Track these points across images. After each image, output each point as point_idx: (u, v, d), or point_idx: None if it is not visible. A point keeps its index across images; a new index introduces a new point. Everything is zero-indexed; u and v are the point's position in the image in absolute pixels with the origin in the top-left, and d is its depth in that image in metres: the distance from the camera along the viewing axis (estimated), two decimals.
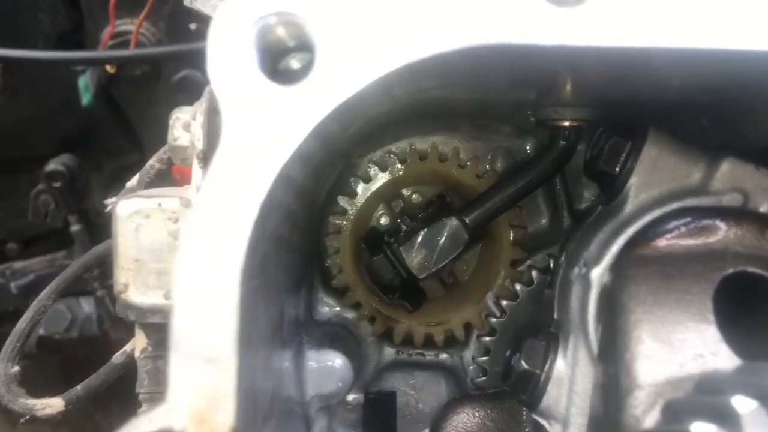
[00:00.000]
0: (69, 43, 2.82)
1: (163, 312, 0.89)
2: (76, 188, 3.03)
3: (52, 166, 2.89)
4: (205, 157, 0.85)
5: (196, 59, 2.69)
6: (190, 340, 0.56)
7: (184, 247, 0.56)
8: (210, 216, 0.56)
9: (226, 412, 0.56)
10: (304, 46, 0.59)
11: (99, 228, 3.24)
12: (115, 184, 3.14)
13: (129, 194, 1.11)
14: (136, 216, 0.85)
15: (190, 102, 2.85)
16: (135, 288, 0.85)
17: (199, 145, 0.85)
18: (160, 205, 0.84)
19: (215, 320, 0.56)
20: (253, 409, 0.63)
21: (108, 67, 2.64)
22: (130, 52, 2.52)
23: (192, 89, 2.70)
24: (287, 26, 0.58)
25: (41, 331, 3.28)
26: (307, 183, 0.86)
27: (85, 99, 2.81)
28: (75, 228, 3.04)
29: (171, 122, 0.89)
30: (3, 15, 2.73)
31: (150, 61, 2.67)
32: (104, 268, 2.83)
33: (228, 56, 0.57)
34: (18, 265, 3.22)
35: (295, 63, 0.62)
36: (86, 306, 3.17)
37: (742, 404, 0.57)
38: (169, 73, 2.79)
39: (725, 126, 0.83)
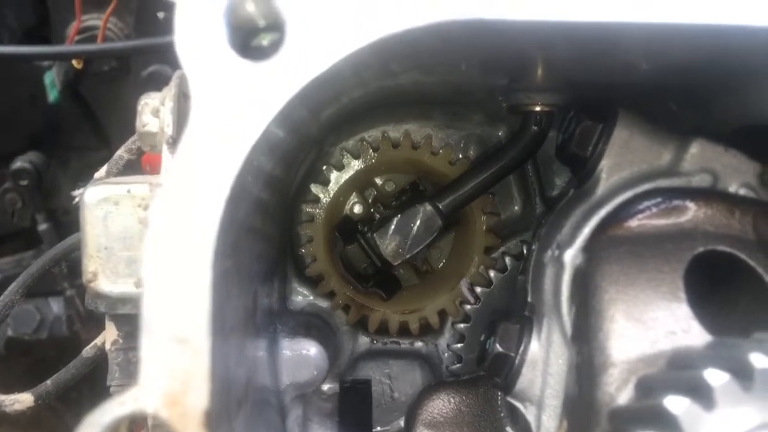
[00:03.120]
0: (35, 39, 2.78)
1: (134, 301, 0.87)
2: (43, 186, 2.97)
3: (19, 164, 2.84)
4: (175, 143, 0.84)
5: (166, 54, 2.66)
6: (161, 321, 0.55)
7: (154, 227, 0.55)
8: (180, 195, 0.55)
9: (199, 393, 0.55)
10: (275, 25, 0.58)
11: (67, 227, 3.19)
12: (83, 181, 3.10)
13: (97, 183, 1.09)
14: (104, 203, 0.83)
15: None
16: (104, 276, 0.84)
17: (169, 130, 0.84)
18: (129, 191, 0.83)
19: (187, 300, 0.55)
20: (227, 393, 0.62)
21: (75, 63, 2.59)
22: (97, 46, 2.47)
23: (161, 84, 2.66)
24: (257, 2, 0.57)
25: (9, 332, 3.21)
26: (278, 172, 0.86)
27: (52, 95, 2.76)
28: (43, 227, 2.99)
29: (139, 108, 0.87)
30: None
31: (118, 56, 2.63)
32: (73, 266, 2.79)
33: (197, 32, 0.56)
34: None
35: (265, 42, 0.61)
36: (55, 306, 3.12)
37: (715, 377, 0.58)
38: (138, 68, 2.75)
39: (694, 108, 0.84)
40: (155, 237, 0.55)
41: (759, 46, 0.59)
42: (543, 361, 0.83)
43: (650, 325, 0.70)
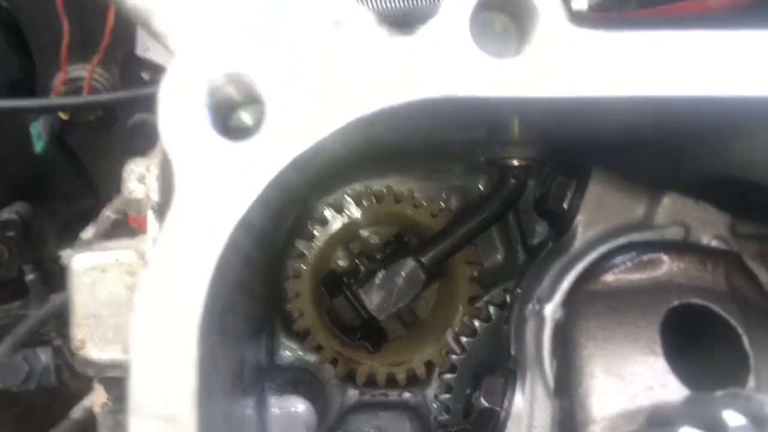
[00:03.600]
0: (20, 90, 2.80)
1: (123, 366, 0.88)
2: (30, 237, 2.97)
3: (5, 215, 2.83)
4: (161, 209, 0.85)
5: (151, 103, 2.69)
6: (148, 401, 0.56)
7: (140, 307, 0.57)
8: (165, 274, 0.56)
9: None
10: (254, 101, 0.60)
11: (55, 276, 3.18)
12: (70, 230, 3.09)
13: (84, 247, 1.10)
14: (92, 271, 0.85)
15: (146, 146, 2.82)
16: (93, 344, 0.85)
17: (154, 197, 0.85)
18: (116, 259, 0.85)
19: (173, 379, 0.56)
20: None
21: (61, 114, 2.61)
22: (84, 98, 2.50)
23: (147, 133, 2.69)
24: (236, 84, 0.59)
25: None
26: (267, 228, 0.87)
27: (38, 146, 2.77)
28: (30, 277, 2.97)
29: (125, 175, 0.89)
30: None
31: (104, 107, 2.66)
32: (60, 316, 2.78)
33: (179, 116, 0.58)
34: None
35: (246, 117, 0.63)
36: (44, 356, 3.08)
37: None
38: (124, 117, 2.78)
39: (666, 162, 0.86)
40: (141, 318, 0.57)
41: (728, 109, 0.61)
42: (528, 415, 0.85)
43: (629, 380, 0.71)
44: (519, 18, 0.60)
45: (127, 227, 1.25)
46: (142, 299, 0.56)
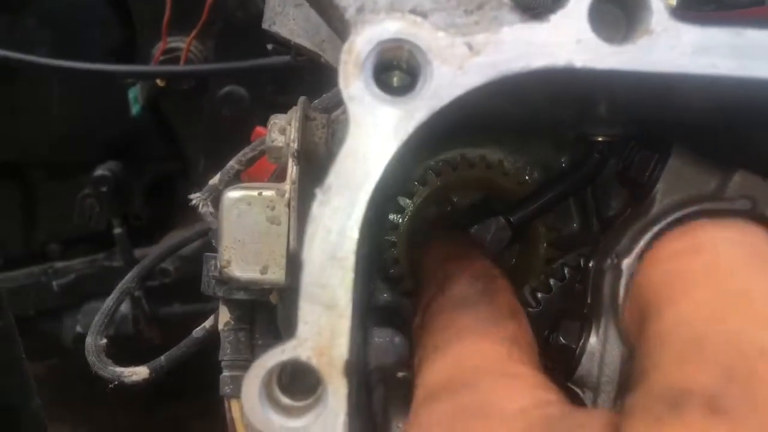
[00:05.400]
0: (120, 56, 3.02)
1: (256, 285, 1.04)
2: (120, 193, 3.20)
3: (100, 171, 3.07)
4: (299, 156, 1.01)
5: (241, 76, 2.88)
6: (316, 291, 0.72)
7: (314, 220, 0.72)
8: (336, 193, 0.72)
9: (341, 347, 0.72)
10: (410, 66, 0.75)
11: (137, 232, 3.41)
12: (155, 191, 3.32)
13: (218, 190, 1.28)
14: (239, 203, 1.01)
15: (233, 114, 3.03)
16: (236, 264, 1.01)
17: (295, 146, 1.01)
18: (260, 194, 1.00)
19: (336, 276, 0.72)
20: (357, 353, 0.78)
21: (158, 81, 2.83)
22: (182, 68, 2.71)
23: (235, 102, 2.89)
24: (399, 51, 0.74)
25: (79, 329, 3.40)
26: (389, 174, 1.02)
27: (134, 110, 3.00)
28: (117, 231, 3.21)
29: (269, 126, 1.05)
30: (61, 29, 2.92)
31: (198, 77, 2.86)
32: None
33: (353, 72, 0.73)
34: (59, 265, 3.37)
35: (398, 79, 0.78)
36: (123, 306, 3.32)
37: None
38: (215, 87, 2.98)
39: (738, 143, 0.99)
40: (314, 227, 0.72)
41: None
42: (599, 353, 0.98)
43: None
44: (629, 9, 0.74)
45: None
46: (317, 211, 0.72)
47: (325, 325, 0.72)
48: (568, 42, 0.71)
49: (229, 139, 2.25)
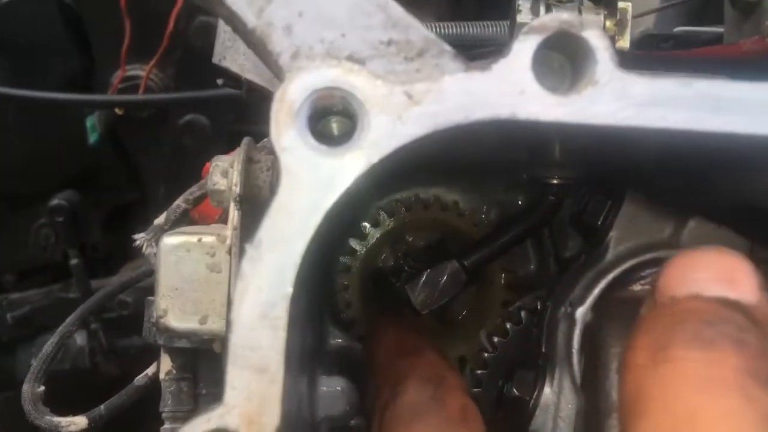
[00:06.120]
0: (78, 85, 2.95)
1: (195, 336, 0.99)
2: (77, 223, 3.12)
3: (56, 201, 2.99)
4: (242, 201, 0.97)
5: (202, 105, 2.83)
6: (245, 354, 0.67)
7: (244, 275, 0.68)
8: (267, 247, 0.68)
9: (272, 415, 0.67)
10: (346, 114, 0.71)
11: (95, 262, 3.32)
12: (113, 221, 3.24)
13: (163, 230, 1.23)
14: (178, 249, 0.96)
15: (194, 144, 2.97)
16: (173, 314, 0.96)
17: (237, 189, 0.97)
18: (200, 240, 0.96)
19: (267, 337, 0.67)
20: (294, 416, 0.74)
21: (117, 110, 2.77)
22: (141, 97, 2.66)
23: (196, 132, 2.83)
24: (333, 98, 0.70)
25: (33, 362, 3.28)
26: (335, 222, 0.98)
27: (92, 138, 2.93)
28: (74, 261, 3.12)
29: (211, 169, 1.00)
30: (18, 56, 2.85)
31: (158, 106, 2.81)
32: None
33: (286, 121, 0.69)
34: (14, 296, 3.27)
35: (335, 128, 0.75)
36: (79, 339, 3.22)
37: None
38: (175, 116, 2.92)
39: (693, 190, 0.97)
40: (244, 285, 0.68)
41: (751, 148, 0.71)
42: (554, 405, 0.95)
43: None
44: (574, 58, 0.71)
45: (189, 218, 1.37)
46: (245, 268, 0.67)
47: (255, 391, 0.67)
48: (511, 92, 0.68)
49: (189, 168, 2.20)
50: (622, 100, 0.68)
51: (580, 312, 0.93)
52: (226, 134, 2.79)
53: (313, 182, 0.68)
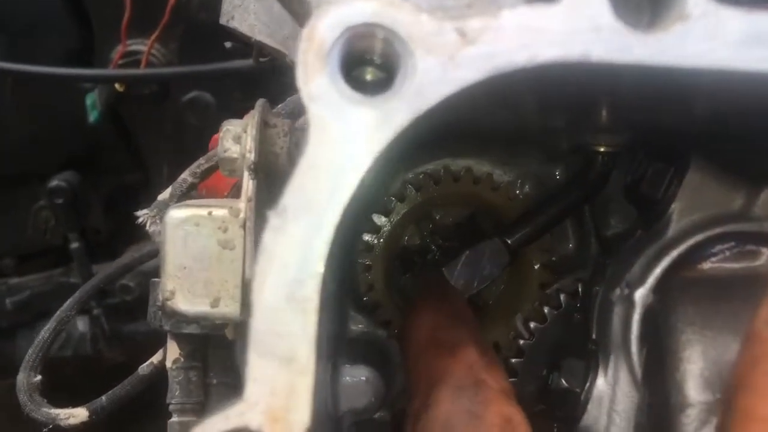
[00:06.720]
0: (77, 61, 2.84)
1: (206, 320, 0.89)
2: (77, 206, 3.02)
3: (56, 182, 2.89)
4: (256, 169, 0.86)
5: (205, 80, 2.72)
6: (270, 341, 0.57)
7: (266, 252, 0.57)
8: (293, 217, 0.57)
9: (302, 411, 0.56)
10: (386, 57, 0.61)
11: (97, 246, 3.22)
12: (114, 203, 3.14)
13: (167, 205, 1.12)
14: (185, 224, 0.85)
15: (198, 123, 2.85)
16: (182, 295, 0.85)
17: (251, 156, 0.86)
18: (210, 213, 0.85)
19: (296, 322, 0.57)
20: (323, 414, 0.63)
21: (117, 86, 2.66)
22: (142, 71, 2.54)
23: (200, 110, 2.72)
24: (372, 38, 0.60)
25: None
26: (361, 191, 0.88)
27: (92, 116, 2.81)
28: (74, 245, 3.03)
29: (221, 134, 0.89)
30: (15, 32, 2.74)
31: (160, 81, 2.69)
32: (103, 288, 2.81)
33: (315, 65, 0.58)
34: (14, 281, 3.19)
35: (372, 74, 0.64)
36: (81, 325, 3.14)
37: None
38: (178, 93, 2.81)
39: (765, 158, 0.86)
40: (266, 261, 0.57)
41: None
42: (609, 398, 0.84)
43: (727, 368, 0.71)
44: None
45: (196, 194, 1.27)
46: (267, 240, 0.57)
47: (281, 384, 0.57)
48: (584, 29, 0.57)
49: (193, 148, 2.08)
50: (718, 38, 0.57)
51: (640, 294, 0.83)
52: (231, 112, 2.68)
53: (347, 137, 0.57)
